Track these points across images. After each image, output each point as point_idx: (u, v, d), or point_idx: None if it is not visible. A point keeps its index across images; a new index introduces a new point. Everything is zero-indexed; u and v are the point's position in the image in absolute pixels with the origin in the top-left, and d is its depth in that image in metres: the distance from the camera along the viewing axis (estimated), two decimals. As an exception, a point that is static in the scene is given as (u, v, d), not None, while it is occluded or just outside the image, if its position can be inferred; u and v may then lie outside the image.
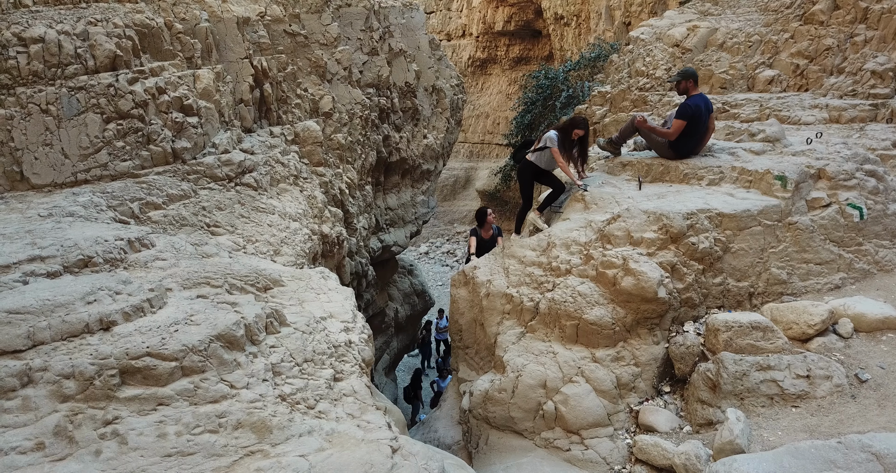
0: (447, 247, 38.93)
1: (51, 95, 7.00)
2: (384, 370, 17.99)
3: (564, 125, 8.03)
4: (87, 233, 5.75)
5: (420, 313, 19.46)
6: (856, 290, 6.76)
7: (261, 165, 8.45)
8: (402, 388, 19.66)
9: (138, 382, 4.15)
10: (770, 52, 10.60)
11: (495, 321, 7.50)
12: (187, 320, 4.49)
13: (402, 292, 17.93)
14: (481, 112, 40.93)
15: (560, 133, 7.94)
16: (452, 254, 37.86)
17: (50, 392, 4.03)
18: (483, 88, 41.24)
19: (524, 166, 8.40)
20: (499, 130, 39.60)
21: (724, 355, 5.96)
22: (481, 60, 38.87)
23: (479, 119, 41.07)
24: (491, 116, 40.72)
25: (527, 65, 37.51)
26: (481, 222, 9.49)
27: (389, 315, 16.58)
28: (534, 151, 8.20)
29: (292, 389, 4.54)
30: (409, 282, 18.36)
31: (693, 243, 6.64)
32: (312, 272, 6.18)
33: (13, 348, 4.14)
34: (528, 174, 8.41)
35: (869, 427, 5.20)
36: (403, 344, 19.18)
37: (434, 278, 33.68)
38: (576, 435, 6.38)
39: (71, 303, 4.38)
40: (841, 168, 7.13)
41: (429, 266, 35.89)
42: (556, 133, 7.93)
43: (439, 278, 33.82)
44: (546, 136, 8.02)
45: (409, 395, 18.97)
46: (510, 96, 38.59)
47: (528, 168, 8.34)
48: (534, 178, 8.43)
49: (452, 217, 40.57)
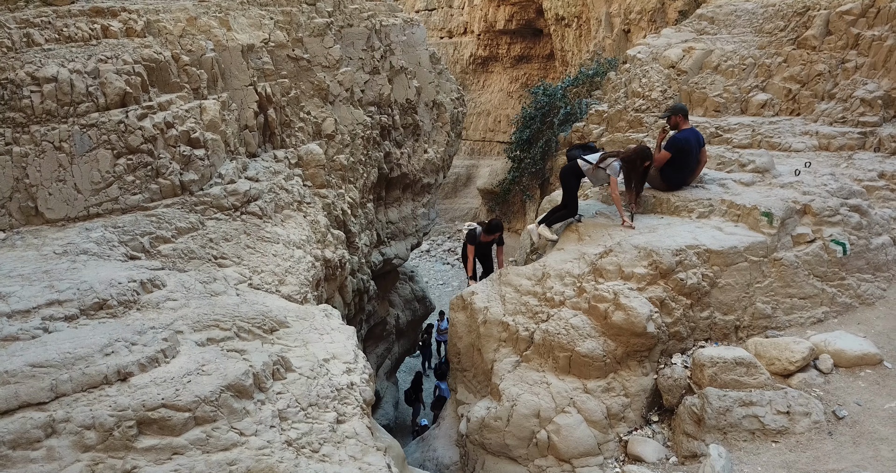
0: (448, 245, 39.03)
1: (63, 132, 7.25)
2: (385, 374, 18.29)
3: (632, 157, 7.67)
4: (101, 274, 6.03)
5: (421, 318, 19.77)
6: (837, 324, 7.03)
7: (265, 193, 8.71)
8: (404, 391, 20.01)
9: (154, 432, 4.44)
10: (763, 75, 10.82)
11: (492, 348, 7.79)
12: (199, 370, 4.78)
13: (402, 299, 18.23)
14: (482, 110, 41.03)
15: (626, 165, 7.65)
16: (454, 252, 37.97)
17: (72, 443, 4.32)
18: (485, 86, 41.34)
19: (573, 168, 8.03)
20: (500, 128, 39.78)
21: (709, 390, 6.25)
22: (483, 57, 38.99)
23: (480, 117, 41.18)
24: (492, 113, 40.82)
25: (528, 63, 37.65)
26: (490, 231, 9.72)
27: (390, 323, 16.89)
28: (589, 163, 7.86)
29: (298, 434, 4.84)
30: (409, 288, 18.66)
31: (681, 278, 6.91)
32: (316, 311, 6.46)
33: (37, 400, 4.43)
34: (572, 178, 8.08)
35: (843, 465, 5.49)
36: (404, 348, 19.50)
37: (435, 277, 33.88)
38: (567, 464, 6.68)
39: (90, 355, 4.67)
40: (826, 204, 7.39)
41: (430, 265, 36.08)
42: (620, 163, 7.64)
43: (440, 277, 34.02)
44: (610, 162, 7.71)
45: (410, 398, 19.33)
46: (511, 94, 38.77)
47: (574, 173, 8.02)
48: (576, 182, 8.12)
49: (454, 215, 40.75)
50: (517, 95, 37.61)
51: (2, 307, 5.39)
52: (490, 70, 40.14)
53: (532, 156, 15.53)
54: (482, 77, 40.96)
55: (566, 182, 8.17)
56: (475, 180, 40.00)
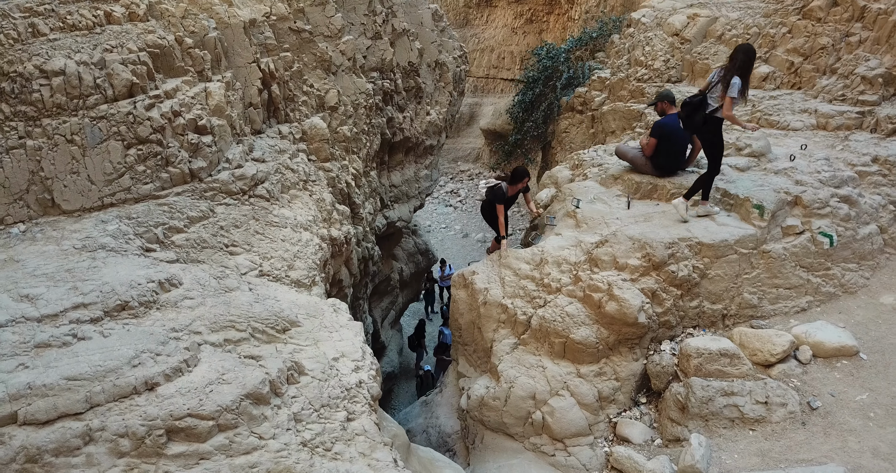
0: (451, 186, 38.99)
1: (74, 125, 7.41)
2: (390, 324, 18.93)
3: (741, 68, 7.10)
4: (121, 273, 6.37)
5: (424, 270, 20.22)
6: (820, 313, 7.40)
7: (272, 174, 8.92)
8: (407, 337, 20.74)
9: (182, 439, 4.88)
10: (767, 45, 10.78)
11: (491, 328, 8.20)
12: (220, 379, 5.18)
13: (406, 253, 18.61)
14: (486, 46, 40.22)
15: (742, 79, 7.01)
16: (456, 193, 37.97)
17: (108, 450, 4.77)
18: (488, 21, 40.35)
19: (716, 124, 7.38)
20: (503, 65, 39.10)
21: (694, 380, 6.68)
22: (487, -9, 37.98)
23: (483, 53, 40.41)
24: (496, 50, 40.04)
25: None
26: (516, 180, 9.00)
27: (394, 278, 17.33)
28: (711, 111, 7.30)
29: (312, 434, 5.28)
30: (413, 242, 19.01)
31: (673, 271, 7.23)
32: (325, 306, 6.82)
33: (74, 411, 4.85)
34: (715, 132, 7.44)
35: (813, 455, 5.97)
36: (408, 298, 20.06)
37: (437, 220, 34.05)
38: (560, 443, 7.21)
39: (119, 368, 5.05)
40: (816, 196, 7.61)
41: (432, 207, 36.21)
42: (740, 79, 7.02)
43: (442, 220, 34.20)
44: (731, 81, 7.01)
45: (413, 344, 20.07)
46: (516, 30, 37.89)
47: (720, 125, 7.40)
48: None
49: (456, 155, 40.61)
50: (521, 31, 36.73)
51: (32, 311, 5.76)
52: (494, 5, 39.10)
53: (534, 119, 15.53)
54: (485, 12, 39.94)
55: (713, 138, 7.41)
56: (478, 120, 39.61)
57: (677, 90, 10.98)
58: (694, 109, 7.38)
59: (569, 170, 10.26)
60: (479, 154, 41.40)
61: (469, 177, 39.44)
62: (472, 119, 40.35)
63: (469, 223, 34.16)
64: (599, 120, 11.85)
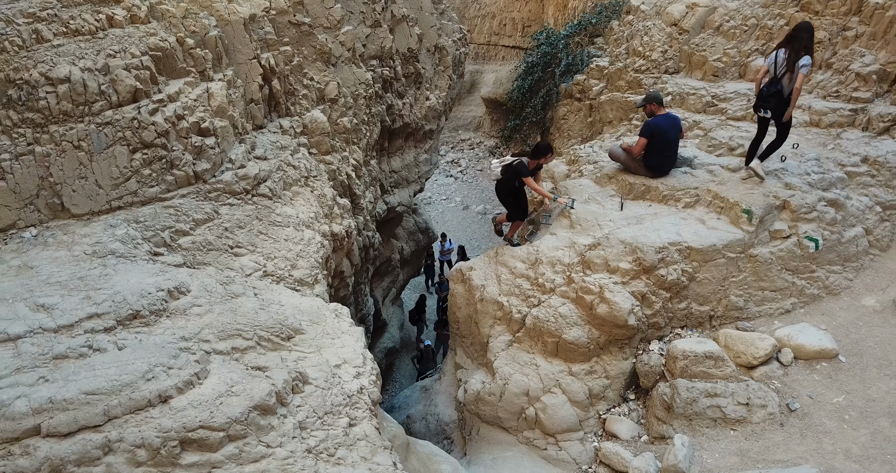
0: (452, 156, 38.88)
1: (81, 131, 7.60)
2: (391, 301, 19.31)
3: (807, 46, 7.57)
4: (131, 281, 6.64)
5: (424, 247, 20.51)
6: (804, 314, 7.68)
7: (274, 172, 9.12)
8: (408, 311, 21.19)
9: (195, 449, 5.22)
10: (765, 37, 10.83)
11: (488, 324, 8.52)
12: (229, 391, 5.49)
13: (406, 232, 18.86)
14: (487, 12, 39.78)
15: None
16: (457, 163, 37.89)
17: (126, 459, 5.10)
18: (491, -14, 39.84)
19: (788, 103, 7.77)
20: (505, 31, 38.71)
21: (679, 382, 7.01)
22: (489, -45, 37.41)
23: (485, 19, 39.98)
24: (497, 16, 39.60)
25: (535, -38, 36.11)
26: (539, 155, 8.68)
27: (395, 258, 17.62)
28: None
29: (316, 441, 5.62)
30: (413, 221, 19.24)
31: (663, 275, 7.50)
32: (327, 312, 7.10)
33: (93, 423, 5.17)
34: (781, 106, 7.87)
35: (789, 456, 6.32)
36: (409, 275, 20.41)
37: (438, 191, 34.09)
38: (552, 437, 7.58)
39: (134, 382, 5.36)
40: (804, 201, 7.82)
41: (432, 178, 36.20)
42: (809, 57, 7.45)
43: (443, 191, 34.24)
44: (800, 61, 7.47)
45: (413, 318, 20.55)
46: (517, -5, 37.36)
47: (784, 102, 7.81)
48: None
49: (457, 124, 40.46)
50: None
51: (48, 321, 6.05)
52: (496, -31, 38.56)
53: (533, 105, 15.60)
54: (487, -24, 39.39)
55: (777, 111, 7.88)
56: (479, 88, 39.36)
57: (674, 82, 11.08)
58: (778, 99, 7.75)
59: (565, 165, 10.44)
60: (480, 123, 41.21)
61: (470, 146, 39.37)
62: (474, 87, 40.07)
63: (469, 195, 34.24)
64: (597, 109, 11.96)
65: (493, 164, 9.09)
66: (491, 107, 34.26)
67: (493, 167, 9.08)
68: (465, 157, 39.23)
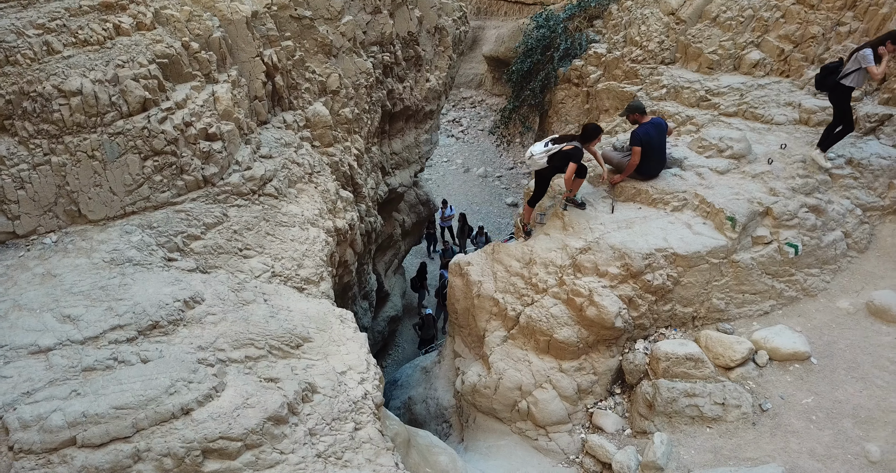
0: (453, 115, 38.63)
1: (94, 142, 7.92)
2: (393, 271, 19.83)
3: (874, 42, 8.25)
4: (149, 291, 7.10)
5: (425, 219, 20.89)
6: (781, 315, 8.14)
7: (279, 171, 9.46)
8: (410, 279, 21.75)
9: (215, 458, 5.77)
10: (760, 30, 10.96)
11: (484, 318, 9.01)
12: (245, 404, 6.02)
13: (408, 204, 19.22)
14: (490, -35, 39.02)
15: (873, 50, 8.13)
16: (458, 123, 37.69)
17: (154, 467, 5.66)
18: (493, -63, 38.94)
19: (845, 92, 8.52)
20: (508, -16, 38.00)
21: (661, 382, 7.53)
22: None
23: (488, -28, 39.26)
24: (500, -32, 38.85)
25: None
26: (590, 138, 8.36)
27: (397, 233, 18.03)
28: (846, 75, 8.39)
29: (325, 446, 6.18)
30: (414, 194, 19.56)
31: (649, 279, 7.93)
32: (333, 318, 7.58)
33: (123, 435, 5.71)
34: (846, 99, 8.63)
35: (758, 454, 6.89)
36: (410, 245, 20.89)
37: (438, 153, 34.00)
38: (542, 429, 8.16)
39: (158, 397, 5.88)
40: (786, 209, 8.18)
41: (433, 138, 36.01)
42: (870, 50, 8.13)
43: (444, 153, 34.23)
44: (859, 55, 8.22)
45: (415, 285, 21.11)
46: (520, -52, 36.54)
47: (847, 93, 8.55)
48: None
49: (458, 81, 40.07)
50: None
51: (75, 333, 6.54)
52: (499, -81, 37.62)
53: (532, 88, 15.72)
54: (490, -74, 38.47)
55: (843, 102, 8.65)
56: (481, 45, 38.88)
57: (669, 74, 11.27)
58: (830, 72, 8.67)
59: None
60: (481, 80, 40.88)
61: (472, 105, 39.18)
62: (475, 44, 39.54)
63: (471, 157, 34.28)
64: (594, 97, 12.17)
65: (534, 153, 8.51)
66: (493, 65, 33.76)
67: (537, 157, 8.50)
68: (466, 115, 38.95)
